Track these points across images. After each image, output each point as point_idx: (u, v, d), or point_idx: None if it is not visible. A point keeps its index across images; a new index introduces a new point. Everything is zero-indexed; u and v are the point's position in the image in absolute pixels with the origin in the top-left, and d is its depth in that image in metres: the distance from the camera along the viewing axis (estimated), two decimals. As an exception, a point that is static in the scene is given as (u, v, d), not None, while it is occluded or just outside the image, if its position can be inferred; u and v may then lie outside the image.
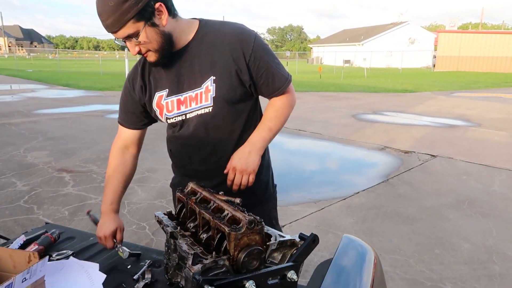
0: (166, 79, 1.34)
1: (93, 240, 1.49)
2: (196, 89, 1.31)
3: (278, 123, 1.40)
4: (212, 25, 1.34)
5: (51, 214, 3.51)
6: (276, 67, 1.36)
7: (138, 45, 1.21)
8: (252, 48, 1.29)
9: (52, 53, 63.67)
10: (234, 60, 1.28)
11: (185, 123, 1.37)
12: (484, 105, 11.90)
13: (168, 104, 1.35)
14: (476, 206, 3.88)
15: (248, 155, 1.30)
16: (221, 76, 1.29)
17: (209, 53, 1.29)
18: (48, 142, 6.26)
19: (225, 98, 1.30)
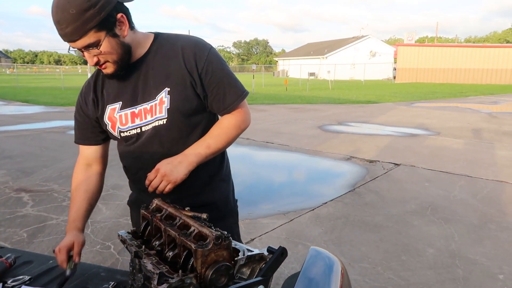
0: (120, 92, 1.32)
1: (52, 263, 1.41)
2: (151, 101, 1.28)
3: (219, 142, 1.33)
4: (166, 38, 1.33)
5: (8, 237, 3.32)
6: (229, 82, 1.32)
7: (97, 56, 1.18)
8: (205, 60, 1.27)
9: (10, 68, 61.16)
10: (189, 71, 1.27)
11: (140, 136, 1.33)
12: (442, 115, 12.45)
13: (121, 117, 1.32)
14: (438, 212, 4.02)
15: (177, 164, 1.25)
16: (175, 87, 1.27)
17: (163, 65, 1.28)
18: (4, 160, 5.96)
19: (180, 109, 1.28)
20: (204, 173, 1.41)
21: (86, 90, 1.39)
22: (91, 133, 1.42)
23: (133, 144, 1.36)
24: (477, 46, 40.29)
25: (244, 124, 1.39)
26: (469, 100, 18.52)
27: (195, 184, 1.40)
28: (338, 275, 0.81)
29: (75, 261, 1.31)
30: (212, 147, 1.31)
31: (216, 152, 1.34)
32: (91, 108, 1.37)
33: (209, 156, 1.32)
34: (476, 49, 38.19)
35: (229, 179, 1.54)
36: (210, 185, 1.44)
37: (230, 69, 1.36)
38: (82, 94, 1.40)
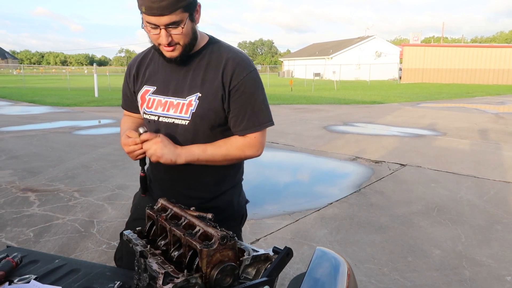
0: (159, 78, 1.39)
1: (58, 262, 1.41)
2: (180, 99, 1.34)
3: (217, 154, 1.35)
4: (219, 46, 1.37)
5: (14, 236, 3.34)
6: (253, 108, 1.34)
7: (173, 36, 1.23)
8: (240, 80, 1.31)
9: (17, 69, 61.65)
10: (223, 85, 1.31)
11: (156, 125, 1.39)
12: (449, 115, 12.38)
13: (150, 100, 1.40)
14: (445, 213, 3.99)
15: (171, 149, 1.28)
16: (207, 95, 1.31)
17: (204, 71, 1.33)
18: (11, 160, 6.00)
19: (204, 117, 1.32)
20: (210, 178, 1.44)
21: (132, 64, 1.49)
22: (131, 102, 1.54)
23: (152, 131, 1.39)
24: (483, 46, 40.02)
25: (250, 151, 1.40)
26: (476, 100, 18.39)
27: (200, 187, 1.45)
28: (344, 276, 0.81)
29: None
30: (207, 153, 1.33)
31: (209, 161, 1.35)
32: (131, 82, 1.48)
33: (201, 161, 1.34)
34: (483, 49, 37.94)
35: (235, 185, 1.54)
36: (217, 192, 1.47)
37: (264, 98, 1.38)
38: (129, 66, 1.50)
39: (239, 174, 1.56)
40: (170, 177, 1.44)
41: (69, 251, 3.06)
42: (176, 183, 1.44)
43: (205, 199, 1.45)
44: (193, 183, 1.43)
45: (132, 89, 1.48)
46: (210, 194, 1.45)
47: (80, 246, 3.19)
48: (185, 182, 1.43)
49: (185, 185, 1.43)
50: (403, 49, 42.01)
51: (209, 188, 1.45)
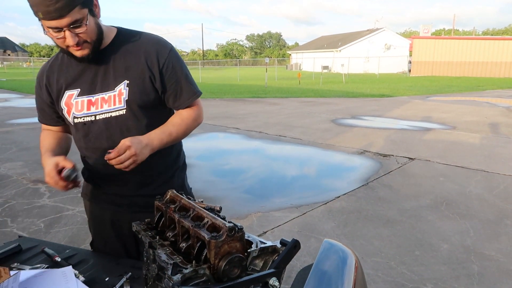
0: (79, 79, 1.36)
1: (69, 252, 1.44)
2: (109, 92, 1.34)
3: (180, 131, 1.42)
4: (129, 33, 1.40)
5: (26, 227, 3.39)
6: (186, 80, 1.42)
7: (78, 35, 1.21)
8: (166, 57, 1.36)
9: (27, 62, 62.16)
10: (149, 66, 1.34)
11: (94, 125, 1.37)
12: (459, 109, 12.24)
13: (77, 104, 1.36)
14: (453, 207, 3.97)
15: (144, 146, 1.29)
16: (134, 80, 1.33)
17: (124, 59, 1.34)
18: (22, 152, 6.08)
19: (138, 102, 1.34)
20: (162, 164, 1.49)
21: (40, 75, 1.44)
22: (48, 115, 1.48)
23: (89, 133, 1.38)
24: (495, 39, 39.38)
25: (200, 118, 1.50)
26: (487, 94, 18.15)
27: (154, 175, 1.47)
28: (352, 268, 0.81)
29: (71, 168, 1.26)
30: (173, 135, 1.40)
31: (175, 140, 1.43)
32: (44, 93, 1.42)
33: (168, 143, 1.39)
34: (494, 42, 37.33)
35: (183, 167, 1.61)
36: (167, 174, 1.51)
37: (188, 69, 1.46)
38: (38, 79, 1.46)
39: (182, 155, 1.61)
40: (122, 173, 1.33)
41: (79, 242, 3.11)
42: (130, 177, 1.39)
43: (158, 185, 1.47)
44: (147, 171, 1.43)
45: (48, 100, 1.42)
46: (163, 179, 1.49)
47: (90, 237, 3.23)
48: (138, 172, 1.37)
49: (139, 176, 1.43)
50: (413, 42, 41.49)
51: (161, 173, 1.49)
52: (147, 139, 1.31)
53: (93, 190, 1.54)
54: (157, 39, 1.40)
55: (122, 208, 1.49)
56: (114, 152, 1.23)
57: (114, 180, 1.45)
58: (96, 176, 1.50)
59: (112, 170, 1.34)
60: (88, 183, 1.57)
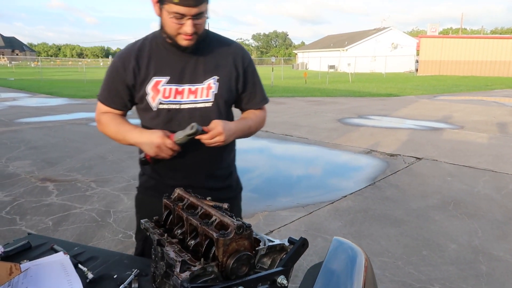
0: (169, 68, 1.41)
1: (77, 250, 1.45)
2: (197, 84, 1.41)
3: (254, 127, 1.54)
4: (216, 36, 1.50)
5: (34, 224, 3.42)
6: (260, 85, 1.57)
7: (196, 25, 1.30)
8: (249, 62, 1.51)
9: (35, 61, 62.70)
10: (236, 67, 1.47)
11: (178, 113, 1.42)
12: (467, 108, 12.14)
13: (165, 90, 1.41)
14: (461, 207, 3.94)
15: (232, 134, 1.40)
16: (223, 77, 1.44)
17: (214, 57, 1.44)
18: (30, 151, 6.14)
19: (224, 97, 1.44)
20: (229, 157, 1.58)
21: (127, 56, 1.43)
22: (118, 98, 1.48)
23: (171, 120, 1.42)
24: (503, 38, 38.97)
25: (264, 122, 1.62)
26: (495, 93, 17.98)
27: (222, 167, 1.56)
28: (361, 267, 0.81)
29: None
30: (250, 129, 1.52)
31: (248, 134, 1.53)
32: (129, 75, 1.41)
33: (243, 136, 1.50)
34: (503, 41, 36.96)
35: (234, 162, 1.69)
36: (230, 168, 1.61)
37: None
38: (122, 58, 1.43)
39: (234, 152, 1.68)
40: (194, 162, 1.47)
41: (87, 240, 3.13)
42: (200, 167, 1.49)
43: (224, 178, 1.56)
44: (216, 162, 1.51)
45: (130, 83, 1.43)
46: (227, 171, 1.58)
47: (97, 235, 3.26)
48: (209, 163, 1.49)
49: (209, 167, 1.50)
50: (420, 41, 41.20)
51: (228, 167, 1.58)
52: (234, 127, 1.42)
53: (157, 183, 1.53)
54: (241, 45, 1.54)
55: None
56: (208, 135, 1.32)
57: (183, 170, 1.48)
58: (165, 165, 1.47)
59: (184, 159, 1.43)
60: (151, 175, 1.56)
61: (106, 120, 1.52)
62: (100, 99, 1.51)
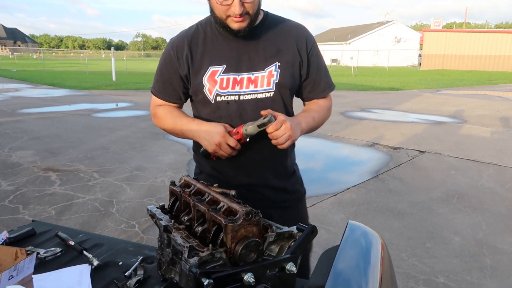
0: (225, 56, 1.28)
1: (82, 237, 1.44)
2: (257, 72, 1.27)
3: (319, 119, 1.40)
4: (276, 17, 1.36)
5: (37, 213, 3.42)
6: (325, 70, 1.41)
7: (245, 5, 1.17)
8: (313, 44, 1.34)
9: (37, 53, 62.61)
10: (299, 51, 1.31)
11: (238, 106, 1.28)
12: (470, 102, 12.08)
13: (222, 81, 1.27)
14: (465, 200, 3.92)
15: (297, 124, 1.27)
16: (286, 64, 1.29)
17: (275, 41, 1.30)
18: (33, 141, 6.13)
19: (286, 85, 1.30)
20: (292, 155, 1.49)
21: (180, 44, 1.32)
22: (172, 90, 1.37)
23: (230, 113, 1.29)
24: (508, 32, 38.69)
25: (330, 112, 1.46)
26: (499, 88, 17.88)
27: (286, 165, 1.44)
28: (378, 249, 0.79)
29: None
30: (315, 121, 1.38)
31: (314, 127, 1.39)
32: (183, 64, 1.31)
33: (310, 129, 1.37)
34: (507, 35, 36.69)
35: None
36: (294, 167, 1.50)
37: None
38: (175, 47, 1.32)
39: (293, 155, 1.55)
40: (258, 158, 1.35)
41: (90, 229, 3.13)
42: (263, 164, 1.37)
43: (288, 176, 1.45)
44: (280, 159, 1.41)
45: (183, 73, 1.32)
46: (291, 169, 1.47)
47: (100, 224, 3.26)
48: (267, 163, 1.37)
49: (272, 164, 1.38)
50: (424, 35, 40.93)
51: (291, 165, 1.47)
52: (297, 119, 1.30)
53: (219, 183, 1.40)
54: (303, 26, 1.37)
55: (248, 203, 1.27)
56: (271, 126, 1.18)
57: (247, 168, 1.36)
58: (227, 163, 1.34)
59: (246, 155, 1.31)
60: (212, 172, 1.44)
61: (162, 113, 1.41)
62: (153, 91, 1.41)
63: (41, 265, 1.21)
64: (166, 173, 4.60)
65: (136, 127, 7.35)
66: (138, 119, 8.34)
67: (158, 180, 4.38)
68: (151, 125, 7.61)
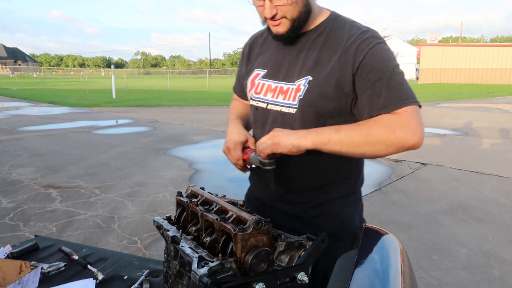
0: (270, 60, 1.22)
1: (86, 251, 1.41)
2: (289, 83, 1.14)
3: (358, 135, 1.00)
4: (339, 22, 1.13)
5: (38, 230, 3.38)
6: (387, 83, 1.01)
7: (278, 8, 1.05)
8: (364, 54, 1.03)
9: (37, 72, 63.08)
10: (340, 66, 1.05)
11: (264, 113, 1.20)
12: (469, 115, 12.11)
13: (258, 85, 1.22)
14: (469, 211, 3.89)
15: (288, 132, 1.04)
16: (318, 79, 1.08)
17: (319, 51, 1.10)
18: (33, 158, 6.11)
19: (312, 105, 1.09)
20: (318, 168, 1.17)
21: (247, 43, 1.35)
22: (241, 86, 1.37)
23: (256, 120, 1.25)
24: (503, 45, 39.12)
25: (404, 131, 0.97)
26: (497, 100, 17.97)
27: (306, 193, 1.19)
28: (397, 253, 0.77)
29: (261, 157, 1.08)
30: (342, 131, 1.01)
31: (345, 143, 1.00)
32: (244, 62, 1.33)
33: (333, 142, 1.00)
34: (503, 49, 37.09)
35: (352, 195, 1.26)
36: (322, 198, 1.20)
37: (398, 71, 1.05)
38: (244, 46, 1.36)
39: (357, 183, 1.25)
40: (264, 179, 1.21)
41: (92, 245, 3.08)
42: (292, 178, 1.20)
43: (305, 205, 1.19)
44: (294, 185, 1.19)
45: (243, 71, 1.32)
46: (313, 199, 1.18)
47: (102, 240, 3.22)
48: (283, 184, 1.19)
49: (283, 188, 1.20)
50: (421, 49, 41.37)
51: (312, 192, 1.18)
52: (302, 130, 1.07)
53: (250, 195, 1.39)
54: (365, 33, 1.07)
55: None
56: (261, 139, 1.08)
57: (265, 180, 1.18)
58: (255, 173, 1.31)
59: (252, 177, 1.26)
60: (251, 182, 1.39)
61: (230, 107, 1.43)
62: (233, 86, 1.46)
63: (45, 280, 1.18)
64: (167, 189, 4.57)
65: (137, 143, 7.34)
66: (138, 135, 8.34)
67: (160, 195, 4.35)
68: (152, 141, 7.61)
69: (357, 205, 1.26)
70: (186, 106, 15.22)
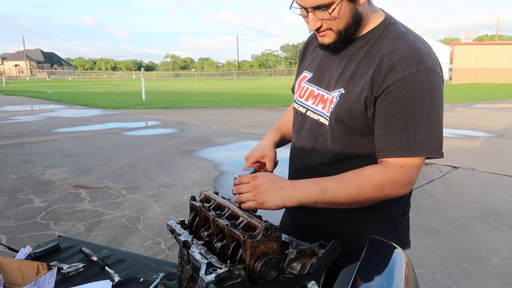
0: (318, 64, 1.17)
1: (105, 252, 1.44)
2: (328, 93, 1.09)
3: (342, 193, 0.98)
4: (389, 30, 1.04)
5: (67, 230, 3.49)
6: (406, 123, 0.94)
7: (322, 20, 0.99)
8: (398, 80, 0.94)
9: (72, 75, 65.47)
10: (372, 83, 0.98)
11: (302, 119, 1.17)
12: (505, 116, 11.61)
13: (303, 89, 1.19)
14: (503, 218, 3.71)
15: (278, 188, 0.99)
16: (349, 93, 1.02)
17: (360, 62, 1.03)
18: (65, 159, 6.33)
19: (339, 120, 1.04)
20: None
21: (306, 41, 1.32)
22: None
23: (294, 124, 1.23)
24: (544, 43, 37.25)
25: (392, 189, 0.98)
26: (536, 100, 17.13)
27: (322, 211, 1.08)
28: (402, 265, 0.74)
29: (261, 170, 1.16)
30: (328, 194, 0.98)
31: (332, 203, 1.00)
32: (299, 61, 1.32)
33: (319, 203, 0.99)
34: (543, 46, 35.32)
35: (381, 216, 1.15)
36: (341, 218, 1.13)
37: (430, 112, 0.97)
38: (303, 45, 1.33)
39: (396, 207, 1.16)
40: None
41: (117, 246, 3.15)
42: None
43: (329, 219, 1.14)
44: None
45: (298, 70, 1.30)
46: (337, 214, 1.10)
47: (127, 240, 3.28)
48: None
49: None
50: (454, 48, 40.02)
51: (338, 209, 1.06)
52: (289, 183, 1.01)
53: None
54: (408, 51, 0.97)
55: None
56: (238, 178, 1.02)
57: None
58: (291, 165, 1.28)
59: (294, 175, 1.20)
60: None
61: (286, 112, 1.43)
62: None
63: (63, 281, 1.21)
64: (192, 190, 4.62)
65: (164, 144, 7.48)
66: (166, 137, 8.48)
67: (185, 196, 4.40)
68: (179, 143, 7.73)
69: (389, 227, 1.17)
70: (213, 108, 15.37)
